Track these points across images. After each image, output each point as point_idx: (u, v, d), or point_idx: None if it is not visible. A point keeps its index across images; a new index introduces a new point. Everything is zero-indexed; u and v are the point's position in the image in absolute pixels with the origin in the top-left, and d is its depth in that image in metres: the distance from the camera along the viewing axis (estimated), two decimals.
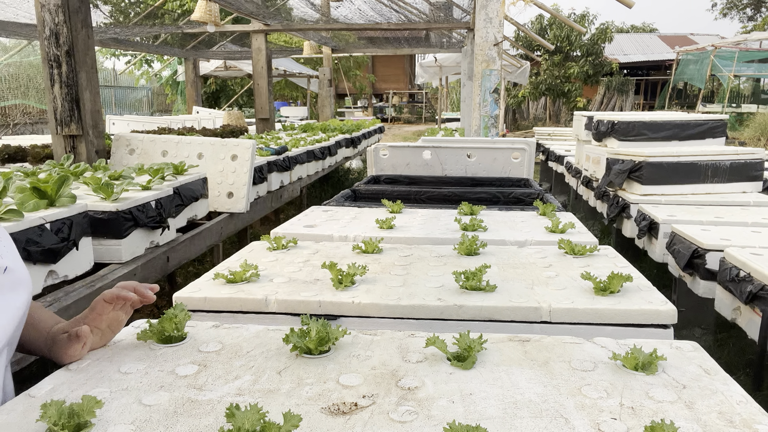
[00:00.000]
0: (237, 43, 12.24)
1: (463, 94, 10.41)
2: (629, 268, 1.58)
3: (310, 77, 19.14)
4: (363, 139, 8.90)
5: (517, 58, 14.96)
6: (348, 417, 0.81)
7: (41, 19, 3.40)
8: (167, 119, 9.96)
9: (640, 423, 0.79)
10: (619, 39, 23.36)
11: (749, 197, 3.86)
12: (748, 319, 2.35)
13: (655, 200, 3.83)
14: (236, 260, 1.66)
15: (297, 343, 1.00)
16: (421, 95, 27.15)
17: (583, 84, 19.93)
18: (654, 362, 0.95)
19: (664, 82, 21.22)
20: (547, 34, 19.23)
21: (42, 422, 0.76)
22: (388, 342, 1.07)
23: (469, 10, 8.48)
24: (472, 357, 0.97)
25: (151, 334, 1.06)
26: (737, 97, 17.58)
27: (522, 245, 1.88)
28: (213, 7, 6.99)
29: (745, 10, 31.66)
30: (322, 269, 1.54)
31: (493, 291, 1.37)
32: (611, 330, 1.26)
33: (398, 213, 2.40)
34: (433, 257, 1.70)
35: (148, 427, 0.78)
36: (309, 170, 5.85)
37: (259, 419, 0.72)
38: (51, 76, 3.47)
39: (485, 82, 5.05)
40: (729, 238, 2.76)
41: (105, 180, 2.65)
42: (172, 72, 16.12)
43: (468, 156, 3.41)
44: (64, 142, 3.61)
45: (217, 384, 0.91)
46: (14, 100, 12.83)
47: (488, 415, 0.82)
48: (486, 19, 4.92)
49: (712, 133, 4.56)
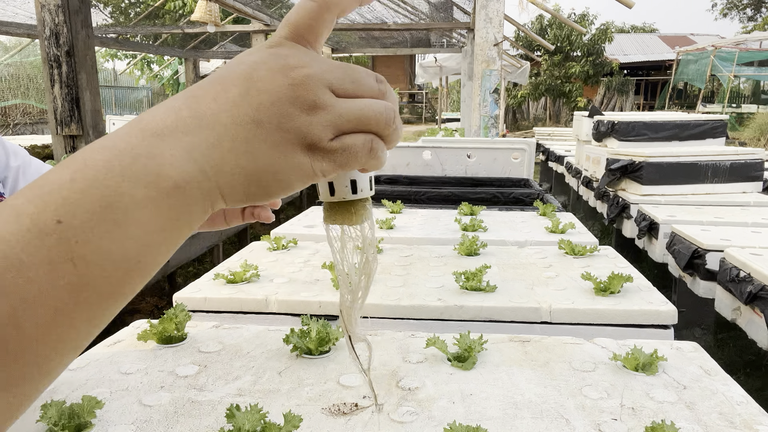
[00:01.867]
0: (237, 44, 12.25)
1: (463, 95, 10.42)
2: (629, 269, 1.58)
3: None
4: None
5: (517, 58, 14.96)
6: (348, 417, 0.81)
7: (41, 19, 3.40)
8: None
9: (641, 423, 0.79)
10: (620, 39, 23.36)
11: (749, 197, 3.86)
12: (748, 320, 2.35)
13: (655, 200, 3.83)
14: (236, 260, 1.66)
15: (297, 344, 1.00)
16: (421, 95, 27.16)
17: (583, 84, 19.93)
18: (654, 363, 0.95)
19: (664, 82, 21.22)
20: (548, 34, 19.23)
21: (42, 423, 0.76)
22: (389, 342, 1.07)
23: (469, 10, 8.48)
24: (473, 357, 0.97)
25: (151, 334, 1.06)
26: (737, 97, 17.58)
27: (522, 245, 1.88)
28: (213, 7, 6.99)
29: (745, 10, 31.66)
30: (322, 269, 1.54)
31: (493, 291, 1.37)
32: (611, 330, 1.26)
33: (398, 213, 2.40)
34: (433, 257, 1.70)
35: (148, 428, 0.78)
36: None
37: (259, 420, 0.72)
38: (51, 76, 3.47)
39: (485, 82, 5.05)
40: (729, 239, 2.76)
41: None
42: (173, 72, 16.12)
43: (468, 156, 3.41)
44: (64, 142, 3.61)
45: (217, 384, 0.91)
46: (14, 100, 12.83)
47: (489, 416, 0.82)
48: (486, 19, 4.92)
49: (712, 133, 4.56)
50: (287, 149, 0.37)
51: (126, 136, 0.34)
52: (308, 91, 0.37)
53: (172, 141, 0.34)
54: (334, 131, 0.37)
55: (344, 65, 0.39)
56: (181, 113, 0.35)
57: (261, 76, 0.36)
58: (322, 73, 0.38)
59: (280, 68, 0.37)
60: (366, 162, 0.39)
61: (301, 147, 0.37)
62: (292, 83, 0.36)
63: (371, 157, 0.39)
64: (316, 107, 0.37)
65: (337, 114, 0.37)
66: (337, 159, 0.38)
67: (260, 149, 0.36)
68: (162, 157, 0.33)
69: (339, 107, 0.37)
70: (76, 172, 0.32)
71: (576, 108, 18.83)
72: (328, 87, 0.38)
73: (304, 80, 0.37)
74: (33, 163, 0.89)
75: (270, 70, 0.37)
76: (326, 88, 0.37)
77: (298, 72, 0.37)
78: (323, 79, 0.37)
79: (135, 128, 0.34)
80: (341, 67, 0.39)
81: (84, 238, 0.30)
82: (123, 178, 0.32)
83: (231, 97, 0.36)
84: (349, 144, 0.38)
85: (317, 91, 0.37)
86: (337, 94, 0.38)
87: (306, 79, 0.37)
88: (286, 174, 0.37)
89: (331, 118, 0.37)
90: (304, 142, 0.37)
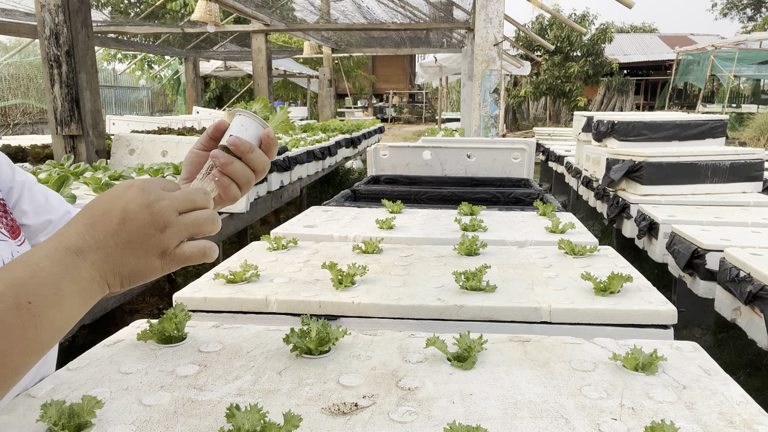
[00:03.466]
0: (237, 43, 12.25)
1: (463, 95, 10.42)
2: (629, 269, 1.58)
3: (310, 77, 19.14)
4: (363, 139, 8.90)
5: (517, 58, 14.97)
6: (348, 417, 0.81)
7: (41, 19, 3.40)
8: (167, 119, 9.96)
9: (641, 423, 0.79)
10: (620, 39, 23.37)
11: (749, 197, 3.86)
12: (748, 320, 2.35)
13: (655, 200, 3.83)
14: (236, 260, 1.66)
15: (297, 344, 1.00)
16: (421, 95, 27.16)
17: (583, 84, 19.94)
18: (654, 363, 0.95)
19: (664, 82, 21.22)
20: (548, 35, 19.23)
21: (42, 422, 0.76)
22: (388, 342, 1.07)
23: (470, 10, 8.48)
24: (473, 357, 0.97)
25: (151, 334, 1.06)
26: (737, 97, 17.59)
27: (522, 245, 1.88)
28: (213, 7, 6.99)
29: (745, 10, 31.66)
30: (322, 269, 1.54)
31: (493, 291, 1.37)
32: (611, 330, 1.26)
33: (398, 213, 2.40)
34: (433, 257, 1.70)
35: (148, 428, 0.78)
36: (309, 170, 5.85)
37: (259, 419, 0.72)
38: (51, 76, 3.47)
39: (485, 82, 5.05)
40: (729, 239, 2.76)
41: (105, 180, 2.65)
42: (173, 72, 16.12)
43: (468, 156, 3.41)
44: (64, 142, 3.62)
45: (217, 384, 0.91)
46: (14, 100, 12.83)
47: (488, 416, 0.82)
48: (486, 19, 4.92)
49: (712, 133, 4.56)
50: (147, 258, 0.61)
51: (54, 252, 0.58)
52: (162, 217, 0.60)
53: (83, 256, 0.58)
54: (178, 240, 0.62)
55: (186, 192, 0.64)
56: (86, 237, 0.59)
57: (132, 209, 0.59)
58: (172, 202, 0.61)
59: (144, 203, 0.60)
60: (199, 260, 0.65)
61: (156, 255, 0.61)
62: (152, 212, 0.60)
63: (204, 257, 0.65)
64: (167, 227, 0.60)
65: (180, 228, 0.61)
66: (179, 261, 0.63)
67: (131, 260, 0.60)
68: (82, 267, 0.58)
69: (181, 223, 0.61)
70: (34, 272, 0.56)
71: (576, 108, 18.83)
72: (176, 210, 0.61)
73: (160, 210, 0.60)
74: (39, 185, 0.94)
75: (139, 206, 0.60)
76: (175, 212, 0.61)
77: (156, 205, 0.60)
78: (172, 206, 0.61)
79: (60, 246, 0.58)
80: (185, 193, 0.63)
81: (41, 312, 0.56)
82: (60, 277, 0.57)
83: (113, 226, 0.59)
84: (187, 251, 0.63)
85: (168, 216, 0.60)
86: (181, 212, 0.62)
87: (161, 209, 0.60)
88: (147, 273, 0.62)
89: (175, 232, 0.61)
90: (158, 252, 0.61)
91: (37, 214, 0.89)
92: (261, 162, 0.77)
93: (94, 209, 0.60)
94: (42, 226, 0.90)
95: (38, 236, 0.89)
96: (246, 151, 0.75)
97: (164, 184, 0.63)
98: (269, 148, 0.79)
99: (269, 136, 0.79)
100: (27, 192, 0.89)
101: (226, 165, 0.74)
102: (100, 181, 2.57)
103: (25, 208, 0.88)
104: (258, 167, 0.77)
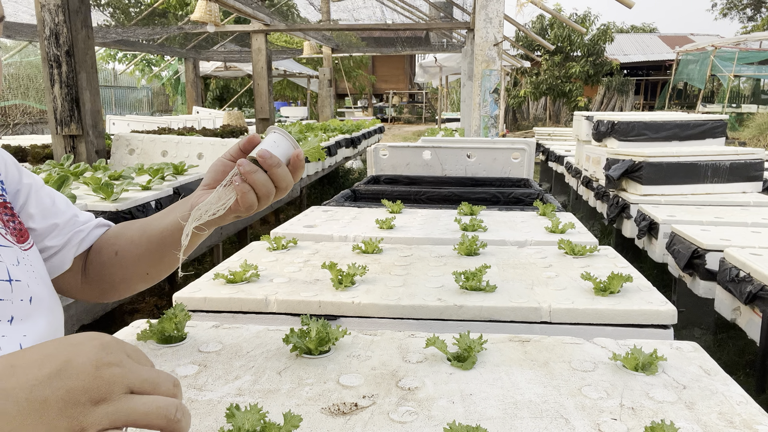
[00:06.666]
0: (237, 43, 12.25)
1: (463, 95, 10.42)
2: (629, 269, 1.58)
3: (310, 77, 19.14)
4: (363, 139, 8.90)
5: (517, 58, 14.97)
6: (348, 417, 0.81)
7: (41, 19, 3.40)
8: (167, 119, 9.97)
9: (641, 423, 0.79)
10: (620, 39, 23.36)
11: (749, 197, 3.86)
12: (748, 319, 2.35)
13: (655, 200, 3.83)
14: (236, 260, 1.66)
15: (297, 344, 1.00)
16: (421, 95, 27.15)
17: (583, 84, 19.94)
18: (654, 363, 0.95)
19: (664, 82, 21.22)
20: (548, 34, 19.23)
21: None
22: (388, 342, 1.07)
23: (470, 10, 8.48)
24: (472, 357, 0.97)
25: (151, 334, 1.06)
26: (737, 97, 17.58)
27: (522, 245, 1.88)
28: (213, 7, 6.99)
29: (745, 11, 31.67)
30: (322, 269, 1.54)
31: (493, 291, 1.37)
32: (611, 330, 1.26)
33: (398, 213, 2.39)
34: (433, 257, 1.70)
35: None
36: (309, 170, 5.85)
37: (259, 419, 0.72)
38: (51, 76, 3.48)
39: (485, 83, 5.05)
40: (729, 239, 2.76)
41: (105, 180, 2.65)
42: (173, 72, 16.12)
43: (468, 156, 3.41)
44: (64, 142, 3.62)
45: (217, 384, 0.91)
46: (14, 100, 12.83)
47: (488, 416, 0.82)
48: (486, 19, 4.92)
49: (712, 133, 4.56)
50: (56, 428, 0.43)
51: None
52: (106, 386, 0.45)
53: None
54: (109, 423, 0.45)
55: (151, 370, 0.49)
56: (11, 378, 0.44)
57: (76, 364, 0.45)
58: (128, 373, 0.46)
59: (95, 361, 0.45)
60: None
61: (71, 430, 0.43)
62: (97, 376, 0.45)
63: None
64: (103, 401, 0.44)
65: (118, 410, 0.45)
66: None
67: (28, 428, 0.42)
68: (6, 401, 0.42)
69: (123, 405, 0.45)
70: None
71: (576, 108, 18.83)
72: (128, 386, 0.46)
73: (109, 376, 0.45)
74: (46, 188, 0.92)
75: (87, 362, 0.45)
76: (125, 387, 0.46)
77: (106, 369, 0.45)
78: (126, 379, 0.46)
79: None
80: (150, 371, 0.48)
81: None
82: None
83: (40, 376, 0.44)
84: None
85: (113, 388, 0.45)
86: (135, 392, 0.46)
87: (111, 376, 0.45)
88: None
89: (109, 412, 0.44)
90: (76, 428, 0.43)
91: (44, 217, 0.88)
92: (285, 179, 0.77)
93: (46, 347, 0.47)
94: (48, 229, 0.88)
95: (44, 240, 0.88)
96: (273, 165, 0.75)
97: (132, 352, 0.50)
98: (296, 168, 0.80)
99: (299, 157, 0.80)
100: (34, 195, 0.88)
101: (250, 173, 0.74)
102: (100, 181, 2.57)
103: (32, 212, 0.86)
104: (281, 184, 0.77)
